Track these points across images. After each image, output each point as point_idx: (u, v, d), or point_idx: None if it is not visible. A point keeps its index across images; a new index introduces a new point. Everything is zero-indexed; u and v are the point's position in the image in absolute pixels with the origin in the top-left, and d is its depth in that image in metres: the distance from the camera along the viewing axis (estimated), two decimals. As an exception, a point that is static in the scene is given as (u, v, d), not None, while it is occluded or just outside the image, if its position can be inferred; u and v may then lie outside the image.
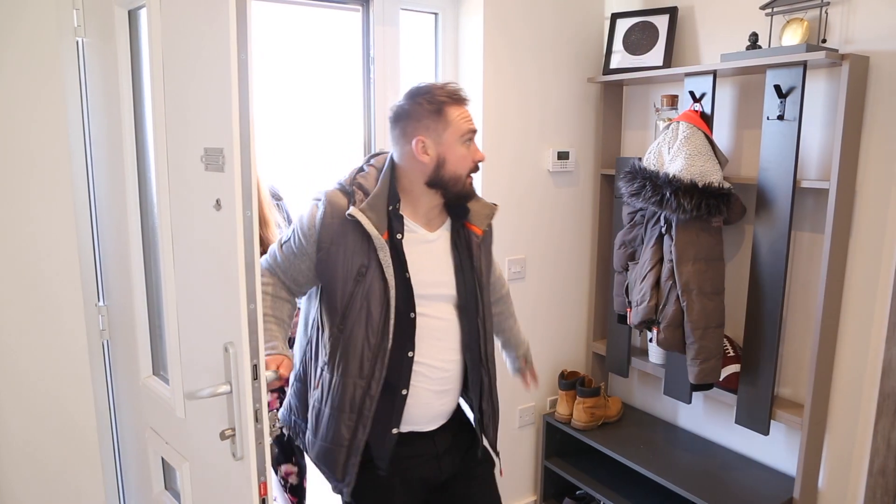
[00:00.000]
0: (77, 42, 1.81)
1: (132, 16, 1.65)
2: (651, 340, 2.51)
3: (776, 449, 2.36)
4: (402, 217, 1.60)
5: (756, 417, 2.22)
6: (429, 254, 1.63)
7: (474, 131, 1.61)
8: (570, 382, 2.73)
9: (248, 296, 1.11)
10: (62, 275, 1.85)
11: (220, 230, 1.16)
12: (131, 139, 1.66)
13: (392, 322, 1.54)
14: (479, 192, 2.50)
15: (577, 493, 2.85)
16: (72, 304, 1.88)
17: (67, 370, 1.89)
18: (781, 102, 2.03)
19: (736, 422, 2.29)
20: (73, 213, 1.85)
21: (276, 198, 2.36)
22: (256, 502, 1.16)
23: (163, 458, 1.76)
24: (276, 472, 2.40)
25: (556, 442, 2.83)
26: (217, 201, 1.15)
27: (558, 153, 2.67)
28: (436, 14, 2.53)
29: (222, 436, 1.19)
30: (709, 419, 2.58)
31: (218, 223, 1.16)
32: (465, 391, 1.75)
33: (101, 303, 1.93)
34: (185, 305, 1.42)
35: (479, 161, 1.63)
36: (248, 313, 1.11)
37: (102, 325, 1.94)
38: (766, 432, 2.20)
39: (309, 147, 2.95)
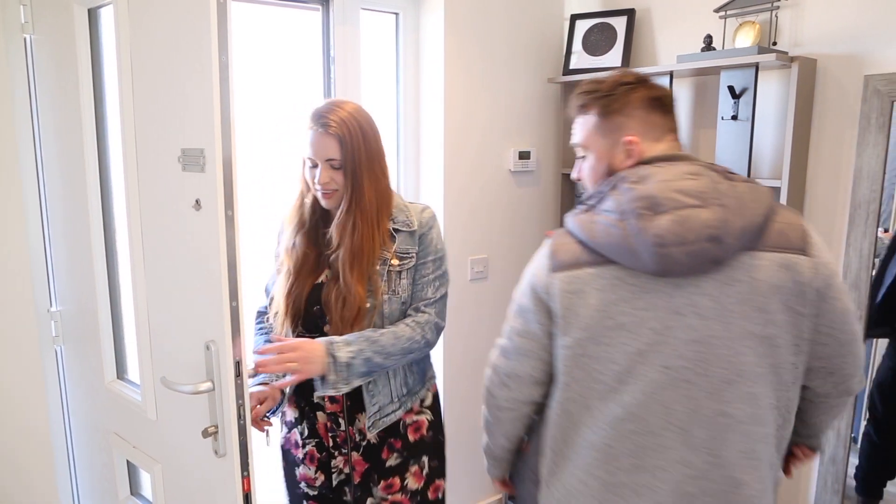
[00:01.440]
0: (25, 39, 1.77)
1: (92, 14, 1.62)
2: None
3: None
4: None
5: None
6: None
7: None
8: (533, 378, 2.77)
9: (231, 293, 1.10)
10: (12, 280, 1.79)
11: (201, 230, 1.15)
12: (92, 140, 1.62)
13: None
14: (441, 192, 2.53)
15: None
16: (23, 310, 1.81)
17: (19, 378, 1.83)
18: (735, 103, 2.11)
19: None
20: (23, 216, 1.79)
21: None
22: (240, 498, 1.15)
23: (128, 463, 1.73)
24: None
25: (520, 438, 2.87)
26: (197, 201, 1.14)
27: (519, 153, 2.71)
28: (396, 14, 2.54)
29: (205, 433, 1.18)
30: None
31: (198, 223, 1.16)
32: None
33: (53, 308, 1.88)
34: (157, 306, 1.40)
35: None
36: (230, 311, 1.11)
37: (55, 332, 1.88)
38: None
39: (270, 148, 2.92)
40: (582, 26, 2.64)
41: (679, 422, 1.13)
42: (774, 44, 2.12)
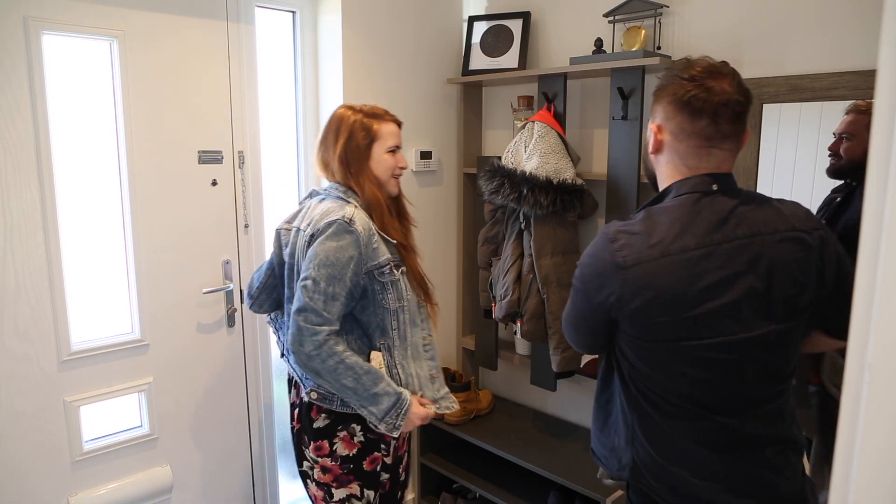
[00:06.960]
0: None
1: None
2: (516, 333, 2.60)
3: (632, 428, 2.51)
4: None
5: (613, 399, 2.36)
6: None
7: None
8: (441, 378, 2.78)
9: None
10: None
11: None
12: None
13: None
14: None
15: (454, 486, 2.91)
16: None
17: None
18: (624, 103, 2.17)
19: (596, 405, 2.42)
20: None
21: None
22: None
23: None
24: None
25: (431, 438, 2.87)
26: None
27: (421, 153, 2.71)
28: (293, 12, 2.49)
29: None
30: (572, 404, 2.72)
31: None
32: None
33: None
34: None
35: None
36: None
37: None
38: (622, 413, 2.34)
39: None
40: (479, 28, 2.66)
41: None
42: (659, 48, 2.19)
